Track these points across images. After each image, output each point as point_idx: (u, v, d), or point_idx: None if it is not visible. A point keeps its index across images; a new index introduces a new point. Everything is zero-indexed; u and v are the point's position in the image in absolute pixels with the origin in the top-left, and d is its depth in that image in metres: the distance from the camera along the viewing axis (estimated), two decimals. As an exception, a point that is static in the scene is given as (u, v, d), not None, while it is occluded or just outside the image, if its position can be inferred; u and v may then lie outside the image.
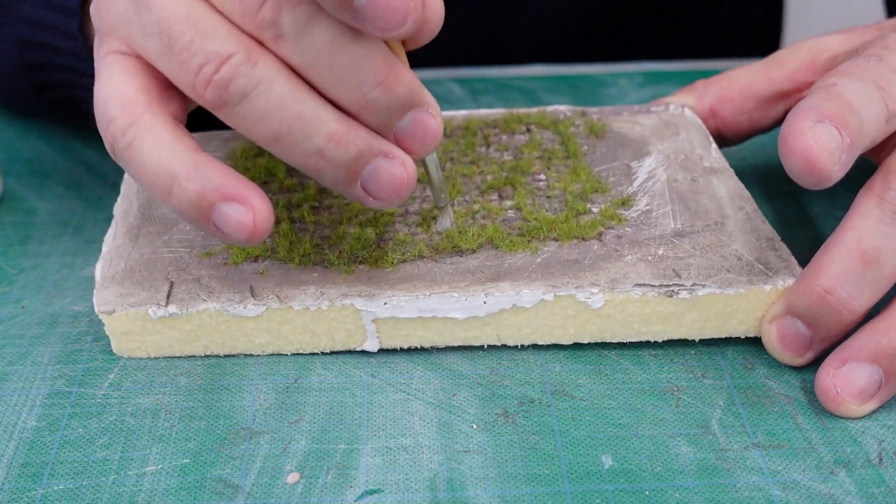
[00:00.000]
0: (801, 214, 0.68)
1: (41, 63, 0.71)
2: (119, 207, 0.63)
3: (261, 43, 0.50)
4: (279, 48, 0.50)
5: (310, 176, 0.52)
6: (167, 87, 0.53)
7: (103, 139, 0.52)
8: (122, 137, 0.51)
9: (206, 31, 0.49)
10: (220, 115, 0.51)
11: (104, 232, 0.61)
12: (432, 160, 0.57)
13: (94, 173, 0.74)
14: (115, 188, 0.67)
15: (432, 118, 0.52)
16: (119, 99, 0.52)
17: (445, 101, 0.82)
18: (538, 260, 0.57)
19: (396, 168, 0.51)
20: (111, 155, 0.52)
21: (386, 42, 0.51)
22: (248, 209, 0.50)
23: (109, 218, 0.62)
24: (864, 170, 0.56)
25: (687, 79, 0.75)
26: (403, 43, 0.53)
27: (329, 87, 0.51)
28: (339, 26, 0.49)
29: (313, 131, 0.50)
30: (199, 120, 0.61)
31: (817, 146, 0.51)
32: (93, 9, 0.55)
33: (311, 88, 0.51)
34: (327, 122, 0.50)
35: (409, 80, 0.51)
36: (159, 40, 0.50)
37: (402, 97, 0.51)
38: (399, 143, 0.52)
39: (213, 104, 0.50)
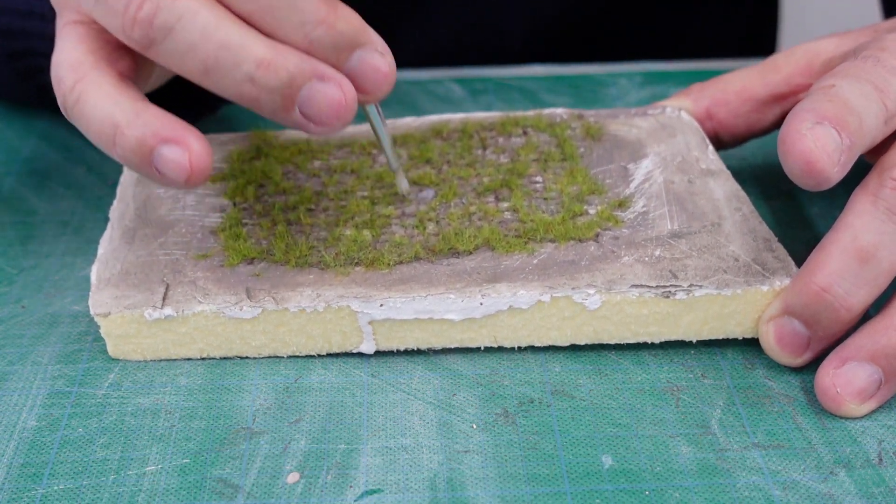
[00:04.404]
0: (799, 214, 0.68)
1: (23, 50, 0.71)
2: (115, 210, 0.63)
3: None
4: None
5: (250, 108, 0.52)
6: (116, 48, 0.55)
7: (57, 101, 0.54)
8: (71, 94, 0.53)
9: None
10: (151, 55, 0.52)
11: (104, 232, 0.62)
12: (376, 118, 0.58)
13: (94, 173, 0.74)
14: (114, 188, 0.67)
15: (381, 56, 0.53)
16: (68, 61, 0.54)
17: (445, 101, 0.82)
18: (535, 261, 0.57)
19: (332, 89, 0.52)
20: (64, 114, 0.54)
21: None
22: (185, 150, 0.51)
23: (109, 218, 0.62)
24: (864, 169, 0.56)
25: (687, 78, 0.75)
26: None
27: (275, 31, 0.52)
28: None
29: (240, 58, 0.51)
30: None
31: (816, 148, 0.51)
32: None
33: (236, 18, 0.51)
34: (254, 48, 0.51)
35: (349, 17, 0.52)
36: None
37: (345, 34, 0.52)
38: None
39: (143, 43, 0.51)
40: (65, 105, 0.53)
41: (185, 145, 0.51)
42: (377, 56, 0.53)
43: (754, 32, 1.06)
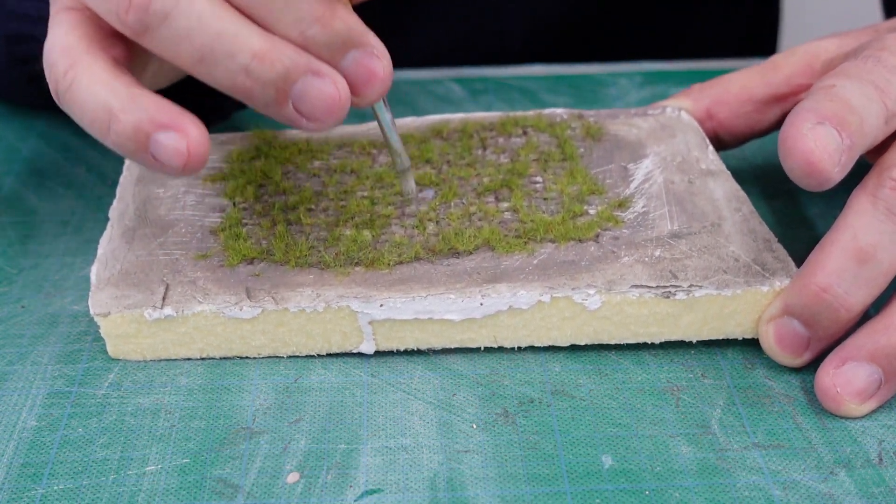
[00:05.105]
0: (800, 214, 0.68)
1: (31, 55, 0.71)
2: (115, 210, 0.63)
3: None
4: None
5: (243, 101, 0.52)
6: (109, 35, 0.54)
7: (49, 88, 0.53)
8: (63, 80, 0.52)
9: None
10: (145, 42, 0.51)
11: (104, 231, 0.62)
12: (385, 117, 0.58)
13: (94, 173, 0.74)
14: (114, 187, 0.67)
15: (377, 59, 0.53)
16: (60, 46, 0.53)
17: (445, 101, 0.82)
18: (535, 261, 0.57)
19: (326, 85, 0.51)
20: (56, 101, 0.53)
21: None
22: (183, 136, 0.51)
23: (109, 218, 0.62)
24: (864, 169, 0.56)
25: (687, 78, 0.75)
26: None
27: (271, 25, 0.51)
28: None
29: (236, 49, 0.50)
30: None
31: (817, 148, 0.51)
32: None
33: (233, 10, 0.51)
34: (250, 40, 0.51)
35: (346, 17, 0.52)
36: None
37: (340, 34, 0.52)
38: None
39: (137, 29, 0.51)
40: (57, 91, 0.53)
41: (182, 131, 0.51)
42: (373, 59, 0.52)
43: (754, 32, 1.06)
